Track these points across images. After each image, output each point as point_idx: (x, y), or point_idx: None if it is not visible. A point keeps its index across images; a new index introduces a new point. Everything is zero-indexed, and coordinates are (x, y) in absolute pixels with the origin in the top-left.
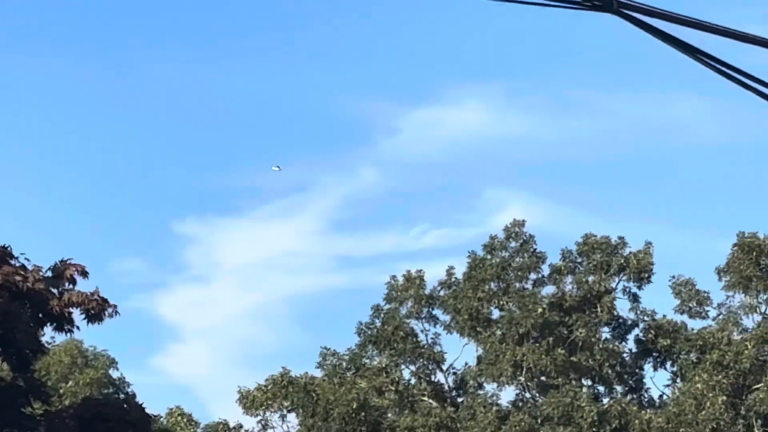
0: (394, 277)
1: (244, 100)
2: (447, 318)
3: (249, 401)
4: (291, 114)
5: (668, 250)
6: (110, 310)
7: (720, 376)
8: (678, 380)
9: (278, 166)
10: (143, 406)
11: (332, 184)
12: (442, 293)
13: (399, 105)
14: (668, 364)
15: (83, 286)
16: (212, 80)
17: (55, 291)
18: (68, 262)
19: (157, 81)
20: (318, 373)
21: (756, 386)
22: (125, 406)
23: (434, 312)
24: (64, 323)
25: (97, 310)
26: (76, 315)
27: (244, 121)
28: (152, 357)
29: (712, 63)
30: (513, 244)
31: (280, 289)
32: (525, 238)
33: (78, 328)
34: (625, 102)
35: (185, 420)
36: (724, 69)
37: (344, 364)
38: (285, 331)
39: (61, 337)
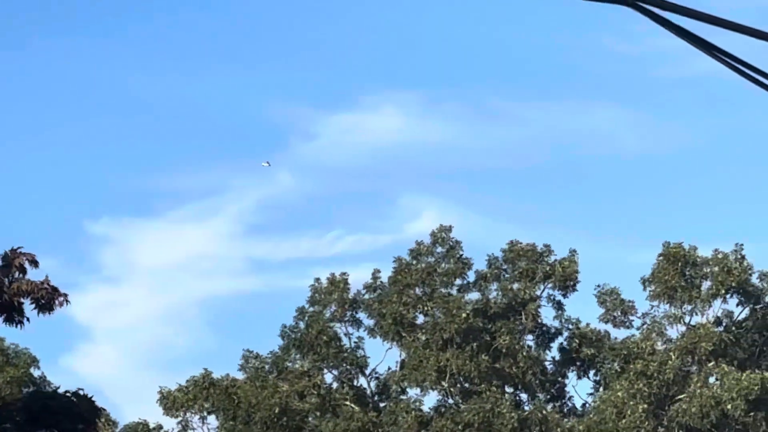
0: (318, 279)
1: (161, 102)
2: (371, 322)
3: (170, 402)
4: (208, 117)
5: (592, 259)
6: (60, 299)
7: (640, 384)
8: (601, 389)
9: (268, 162)
10: (92, 398)
11: (248, 187)
12: (366, 297)
13: (317, 110)
14: (591, 373)
15: (32, 276)
16: (131, 81)
17: (5, 281)
18: (18, 251)
19: (76, 80)
20: (240, 376)
21: (679, 397)
22: (74, 399)
23: (358, 316)
24: (14, 314)
25: (47, 299)
26: (26, 306)
27: (161, 122)
28: (63, 357)
29: (728, 60)
30: (439, 249)
31: (193, 291)
32: (451, 243)
33: (28, 319)
34: (543, 111)
35: (103, 419)
36: (739, 66)
37: (267, 367)
38: (197, 333)
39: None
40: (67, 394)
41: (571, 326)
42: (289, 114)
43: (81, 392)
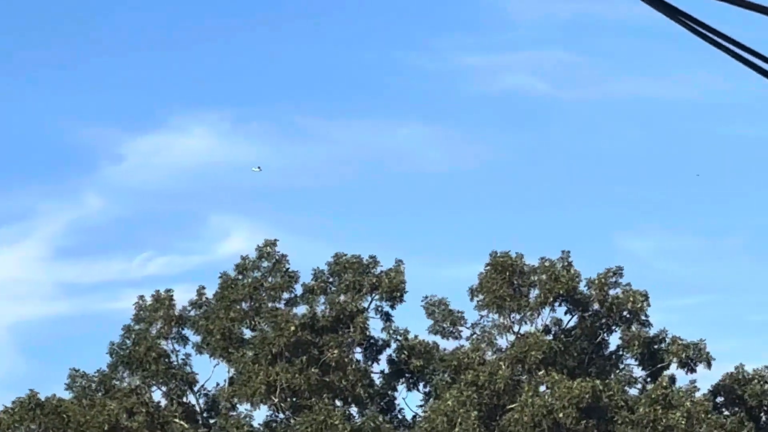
0: (142, 297)
1: None
2: (198, 338)
3: None
4: (12, 139)
5: (417, 275)
6: None
7: (470, 392)
8: (431, 400)
9: (259, 167)
10: None
11: (56, 211)
12: (192, 314)
13: (124, 132)
14: (421, 385)
15: None
16: None
17: None
18: None
19: None
20: (67, 395)
21: (511, 406)
22: None
23: (184, 332)
24: None
25: None
26: None
27: None
28: None
29: (691, 24)
30: (265, 264)
31: (3, 316)
32: (277, 257)
33: None
34: (350, 129)
35: None
36: (703, 31)
37: (94, 385)
38: (9, 358)
39: None
40: None
41: (399, 337)
42: (97, 136)
43: None
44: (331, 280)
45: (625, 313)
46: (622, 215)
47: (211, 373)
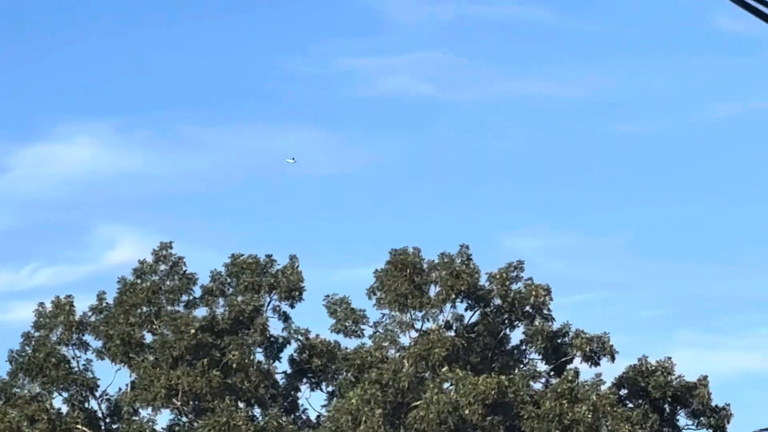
0: (42, 303)
1: None
2: (98, 344)
3: None
4: None
5: (314, 276)
6: None
7: (374, 390)
8: (335, 400)
9: (293, 159)
10: None
11: None
12: (93, 319)
13: (8, 142)
14: (324, 384)
15: None
16: None
17: None
18: None
19: None
20: None
21: (415, 403)
22: None
23: (85, 338)
24: None
25: None
26: None
27: None
28: None
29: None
30: (163, 267)
31: None
32: (174, 260)
33: None
34: (233, 135)
35: None
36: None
37: None
38: None
39: None
40: None
41: (300, 337)
42: None
43: None
44: (228, 281)
45: (527, 307)
46: (508, 215)
47: (113, 378)
